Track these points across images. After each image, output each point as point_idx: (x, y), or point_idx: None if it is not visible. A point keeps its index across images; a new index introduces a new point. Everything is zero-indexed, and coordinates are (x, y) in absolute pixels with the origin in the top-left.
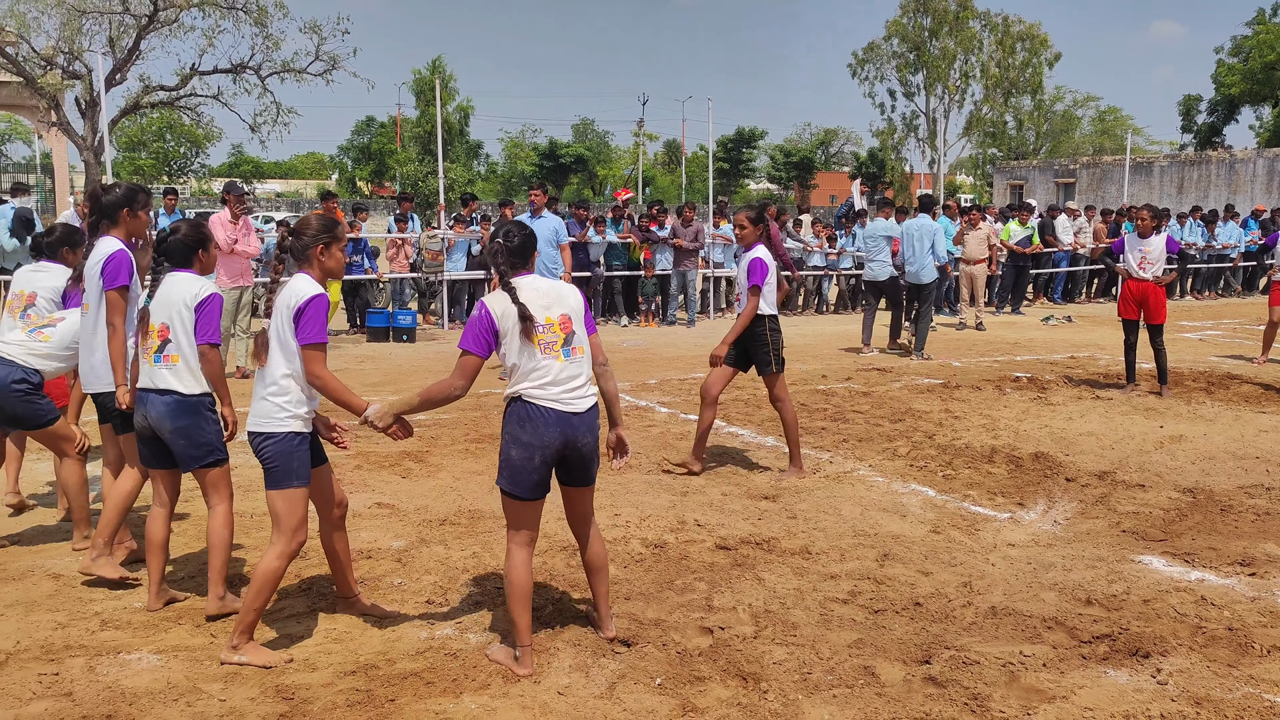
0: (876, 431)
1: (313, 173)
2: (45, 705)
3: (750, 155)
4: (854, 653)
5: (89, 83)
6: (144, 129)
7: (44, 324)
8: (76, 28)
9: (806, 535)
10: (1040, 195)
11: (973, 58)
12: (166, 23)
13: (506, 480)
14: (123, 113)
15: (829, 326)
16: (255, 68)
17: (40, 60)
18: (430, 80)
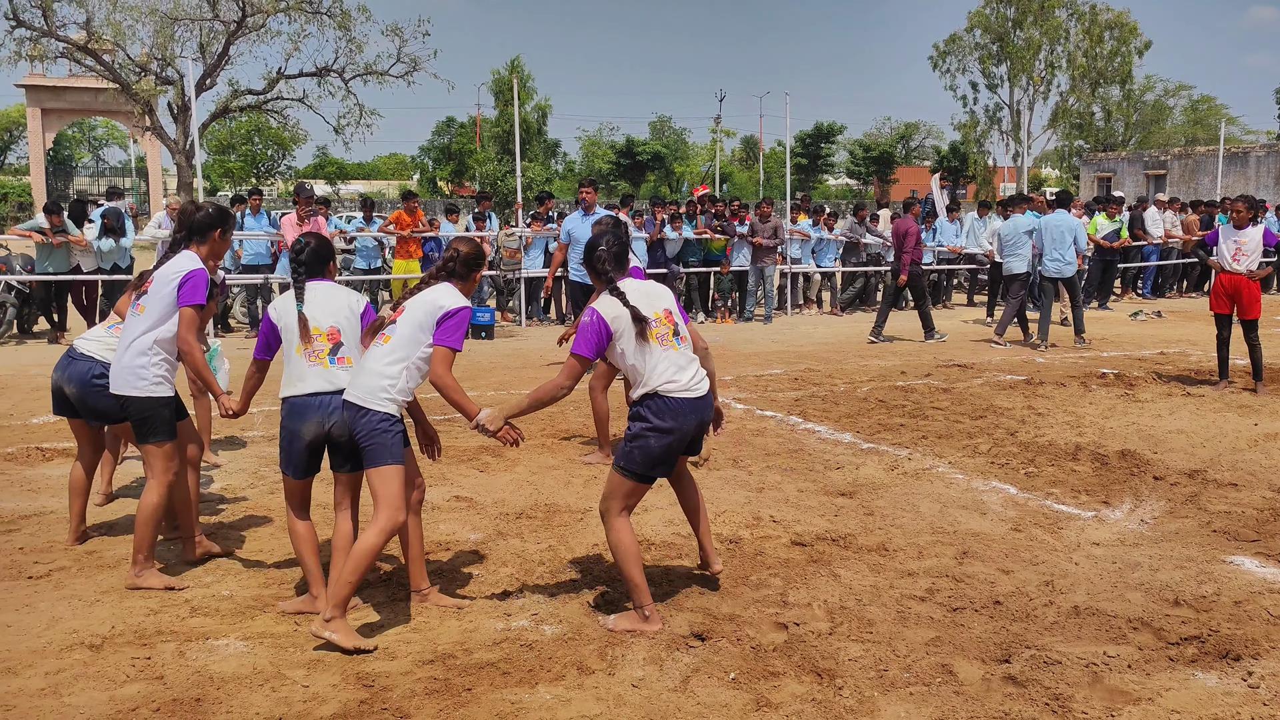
0: (956, 428)
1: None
2: (138, 688)
3: (829, 150)
4: (931, 650)
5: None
6: (232, 132)
7: (122, 321)
8: (169, 35)
9: (884, 532)
10: (1129, 188)
11: (1059, 47)
12: (254, 28)
13: (640, 465)
14: (213, 116)
15: (907, 323)
16: (339, 71)
17: (135, 67)
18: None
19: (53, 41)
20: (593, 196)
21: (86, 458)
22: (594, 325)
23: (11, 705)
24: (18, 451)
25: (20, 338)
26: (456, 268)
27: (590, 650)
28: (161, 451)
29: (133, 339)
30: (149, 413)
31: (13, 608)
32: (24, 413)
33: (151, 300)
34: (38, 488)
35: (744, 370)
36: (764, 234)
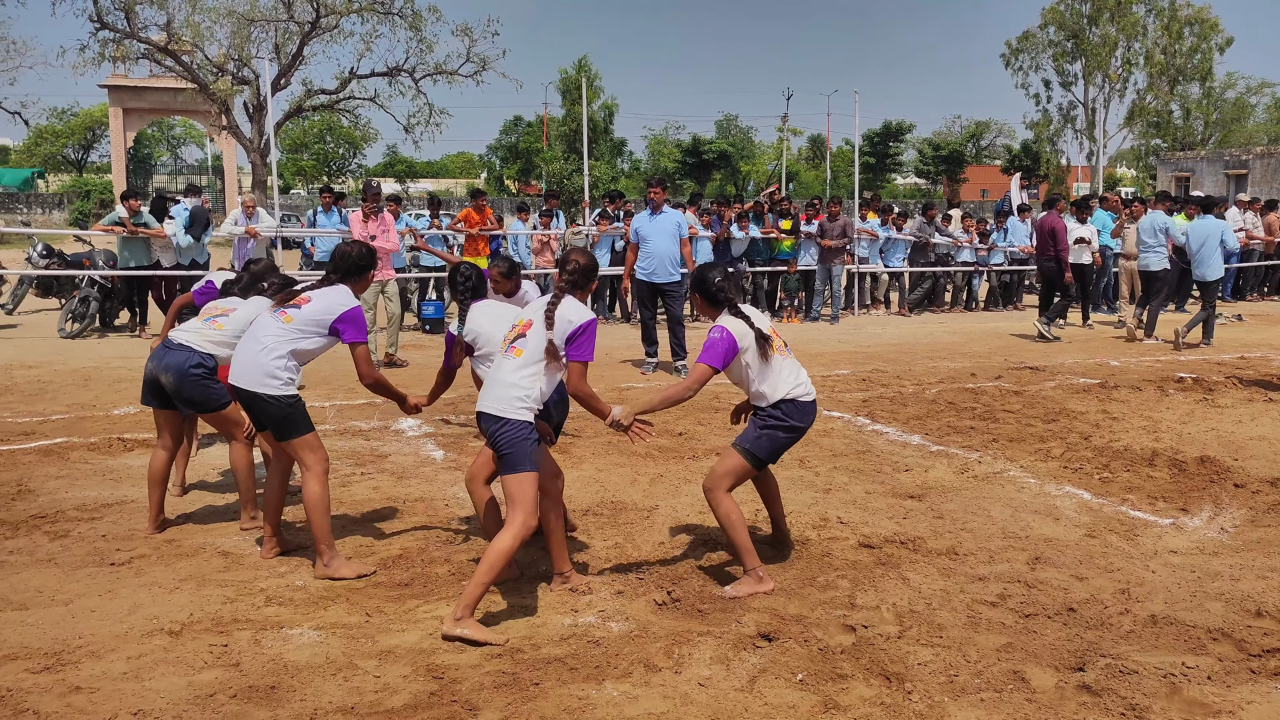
0: (1028, 431)
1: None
2: (215, 674)
3: (897, 149)
4: (1003, 656)
5: (256, 88)
6: (305, 131)
7: (218, 313)
8: (246, 36)
9: (953, 536)
10: (1208, 187)
11: (1136, 44)
12: (327, 29)
13: (766, 452)
14: (287, 115)
15: (978, 324)
16: (410, 70)
17: (212, 67)
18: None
19: (134, 43)
20: (661, 196)
21: (168, 448)
22: (725, 341)
23: (96, 688)
24: (100, 441)
25: (103, 331)
26: (577, 279)
27: (656, 648)
28: (306, 443)
29: (270, 343)
30: (286, 412)
31: (96, 593)
32: (106, 404)
33: (302, 317)
34: (119, 477)
35: (810, 370)
36: (832, 233)
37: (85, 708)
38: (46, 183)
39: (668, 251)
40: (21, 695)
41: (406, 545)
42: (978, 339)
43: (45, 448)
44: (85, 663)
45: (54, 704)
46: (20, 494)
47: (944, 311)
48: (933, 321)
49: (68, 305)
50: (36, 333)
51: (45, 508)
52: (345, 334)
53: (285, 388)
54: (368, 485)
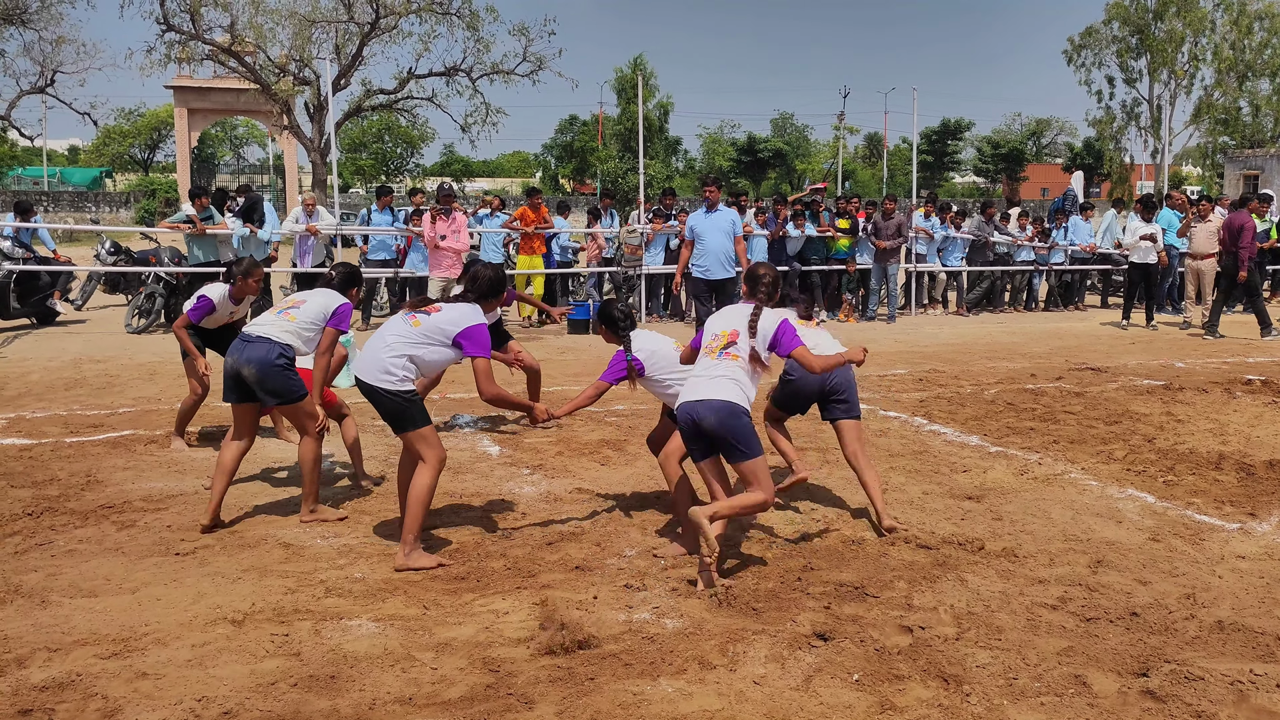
0: (1090, 433)
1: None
2: (277, 663)
3: (955, 147)
4: (1064, 660)
5: (317, 88)
6: (364, 131)
7: (289, 305)
8: (307, 37)
9: (1013, 538)
10: (1278, 186)
11: (1203, 39)
12: (386, 29)
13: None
14: (346, 115)
15: (1038, 324)
16: (467, 70)
17: (274, 68)
18: (631, 78)
19: (199, 44)
20: (716, 194)
21: (243, 442)
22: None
23: (162, 674)
24: (165, 435)
25: (168, 327)
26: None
27: (711, 645)
28: (421, 436)
29: (393, 342)
30: (402, 406)
31: (161, 582)
32: (171, 398)
33: (429, 325)
34: (184, 469)
35: (867, 370)
36: (886, 232)
37: (151, 693)
38: (114, 182)
39: (722, 248)
40: (91, 680)
41: (463, 539)
42: (1037, 339)
43: (113, 440)
44: (151, 649)
45: (121, 689)
46: (89, 484)
47: (1002, 312)
48: (991, 322)
49: (134, 301)
50: (104, 328)
51: (113, 498)
52: (466, 348)
53: (400, 384)
54: None
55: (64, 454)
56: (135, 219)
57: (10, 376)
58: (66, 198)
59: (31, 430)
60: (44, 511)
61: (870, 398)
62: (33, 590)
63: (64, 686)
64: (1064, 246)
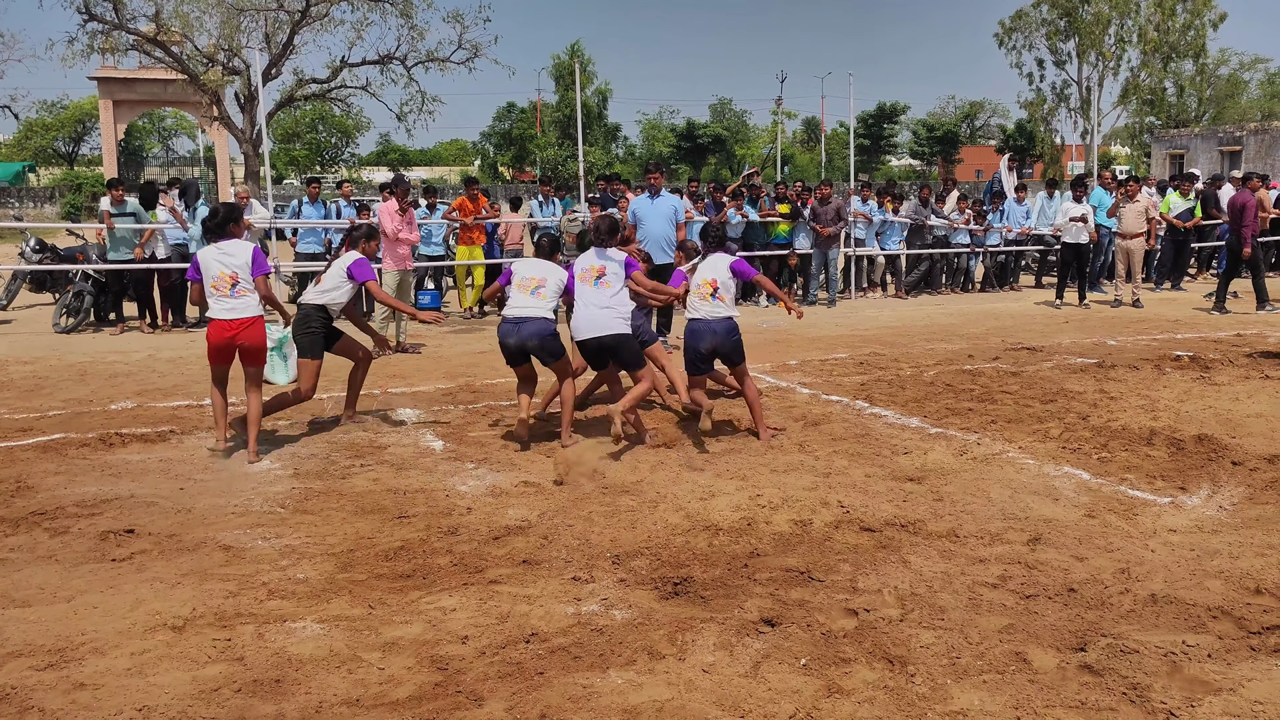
0: (1026, 412)
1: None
2: (220, 669)
3: (892, 131)
4: (1005, 638)
5: (247, 78)
6: (297, 121)
7: (535, 285)
8: (235, 25)
9: (954, 518)
10: (1203, 165)
11: (1129, 21)
12: (318, 17)
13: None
14: (278, 106)
15: (974, 305)
16: (401, 58)
17: (202, 58)
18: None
19: (123, 34)
20: (660, 181)
21: (530, 390)
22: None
23: (100, 684)
24: (96, 438)
25: (97, 326)
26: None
27: (660, 635)
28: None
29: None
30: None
31: (98, 590)
32: (103, 399)
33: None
34: (118, 472)
35: (808, 355)
36: (825, 217)
37: (90, 704)
38: (38, 176)
39: (663, 234)
40: (26, 693)
41: (408, 537)
42: (974, 320)
43: (43, 444)
44: (89, 659)
45: (58, 701)
46: (19, 490)
47: (940, 294)
48: (930, 304)
49: (62, 300)
50: (31, 328)
51: (45, 504)
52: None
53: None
54: (367, 477)
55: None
56: (61, 214)
57: None
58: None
59: None
60: None
61: (812, 381)
62: None
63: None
64: (999, 229)
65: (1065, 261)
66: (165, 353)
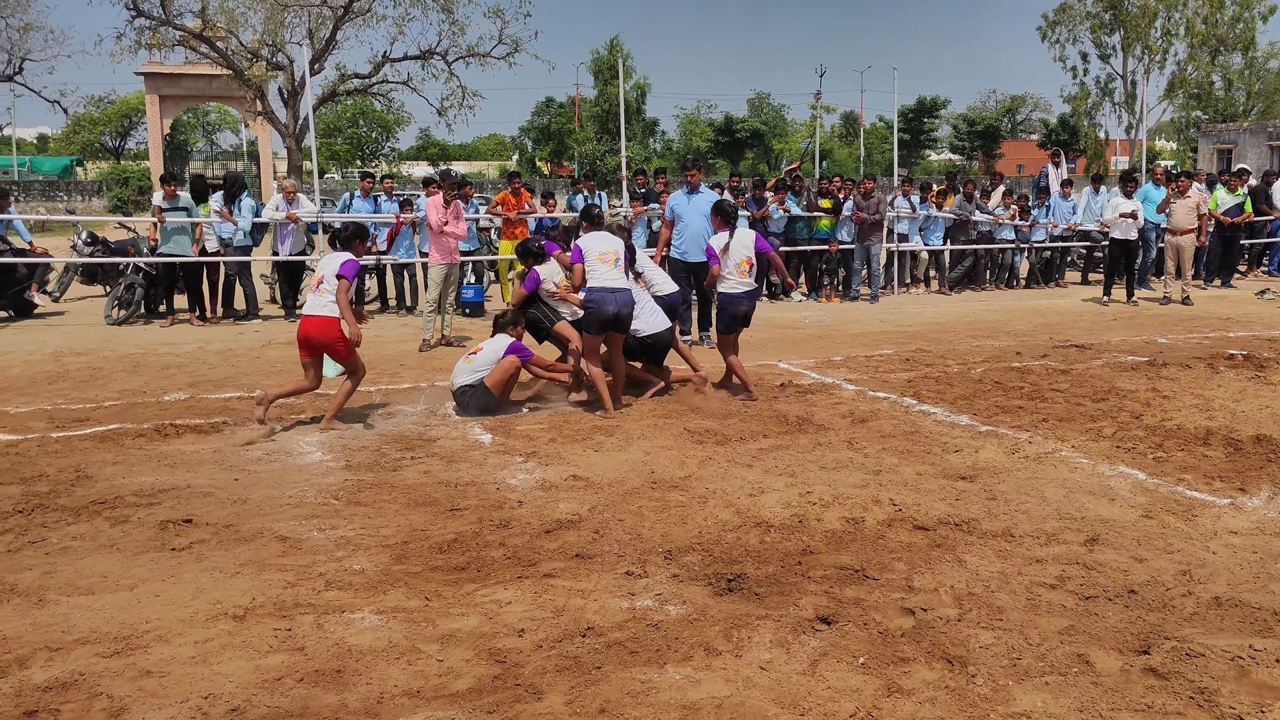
0: (1078, 411)
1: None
2: (282, 658)
3: (932, 125)
4: (1066, 639)
5: (290, 73)
6: (339, 116)
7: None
8: (280, 21)
9: (1008, 517)
10: (1251, 159)
11: (1176, 14)
12: (360, 13)
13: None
14: (321, 100)
15: (1020, 302)
16: (442, 53)
17: (247, 53)
18: (608, 60)
19: (170, 30)
20: (698, 177)
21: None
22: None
23: (166, 672)
24: (152, 428)
25: (148, 318)
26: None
27: (715, 631)
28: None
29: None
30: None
31: (159, 578)
32: (156, 390)
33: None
34: (174, 462)
35: (853, 350)
36: (867, 211)
37: (157, 691)
38: (85, 170)
39: (703, 230)
40: (95, 679)
41: (460, 530)
42: (1020, 317)
43: (100, 434)
44: (154, 647)
45: (126, 688)
46: (79, 480)
47: (984, 290)
48: (973, 300)
49: (113, 292)
50: (83, 319)
51: (104, 493)
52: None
53: None
54: (418, 469)
55: (51, 449)
56: (108, 207)
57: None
58: (37, 187)
59: (16, 425)
60: (35, 508)
61: (859, 378)
62: (29, 589)
63: (67, 686)
64: (1045, 225)
65: (1113, 258)
66: (214, 345)
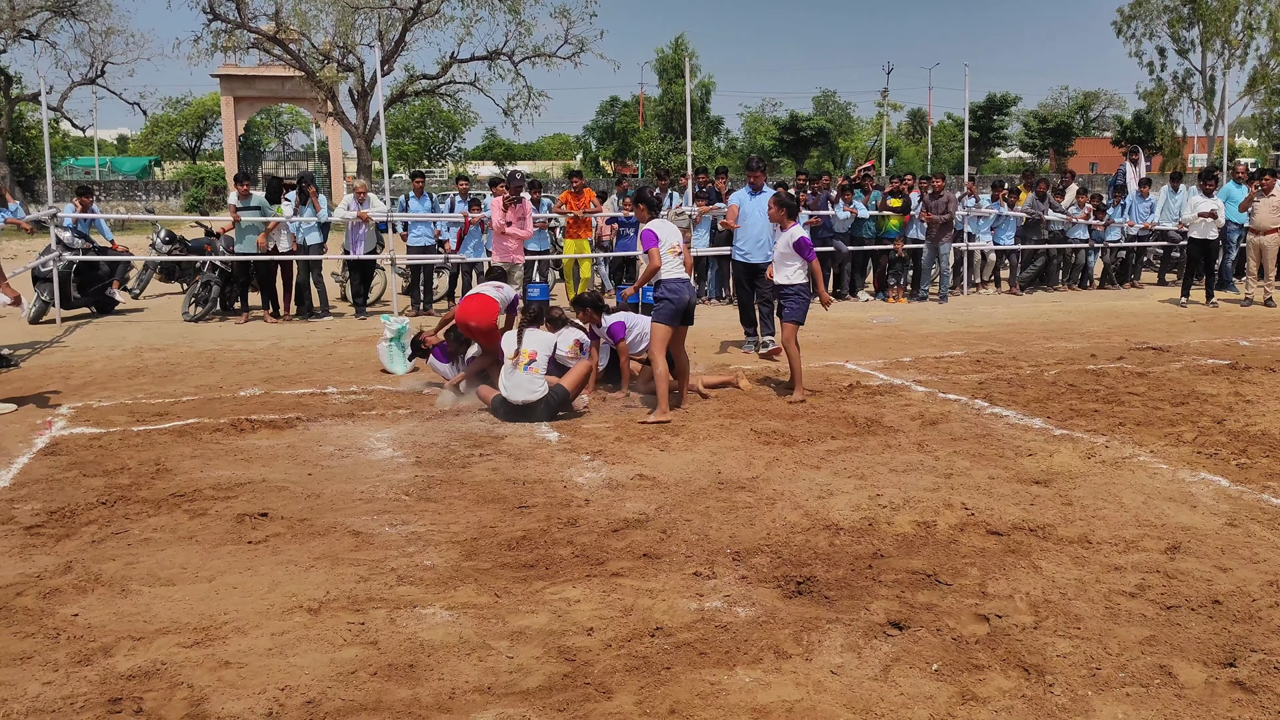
0: (1156, 415)
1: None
2: (356, 651)
3: (1001, 122)
4: (1146, 650)
5: (360, 74)
6: (407, 116)
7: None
8: (350, 23)
9: (1085, 523)
10: None
11: (1258, 7)
12: (429, 14)
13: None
14: (390, 101)
15: (1094, 303)
16: (509, 54)
17: (319, 55)
18: (673, 58)
19: (245, 33)
20: (761, 178)
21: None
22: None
23: (244, 663)
24: (228, 423)
25: (224, 315)
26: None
27: (785, 634)
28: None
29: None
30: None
31: (237, 570)
32: (232, 385)
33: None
34: (250, 457)
35: (921, 351)
36: (935, 211)
37: (235, 682)
38: (162, 170)
39: (767, 232)
40: (176, 669)
41: (529, 527)
42: (1094, 318)
43: (179, 428)
44: (232, 638)
45: (206, 678)
46: (159, 473)
47: (1056, 290)
48: (1045, 301)
49: (191, 289)
50: (161, 316)
51: (183, 487)
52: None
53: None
54: (486, 466)
55: (132, 442)
56: (184, 207)
57: (74, 366)
58: (118, 186)
59: (99, 419)
60: (117, 500)
61: (928, 379)
62: (112, 579)
63: (150, 675)
64: (1121, 224)
65: (1192, 258)
66: (288, 341)
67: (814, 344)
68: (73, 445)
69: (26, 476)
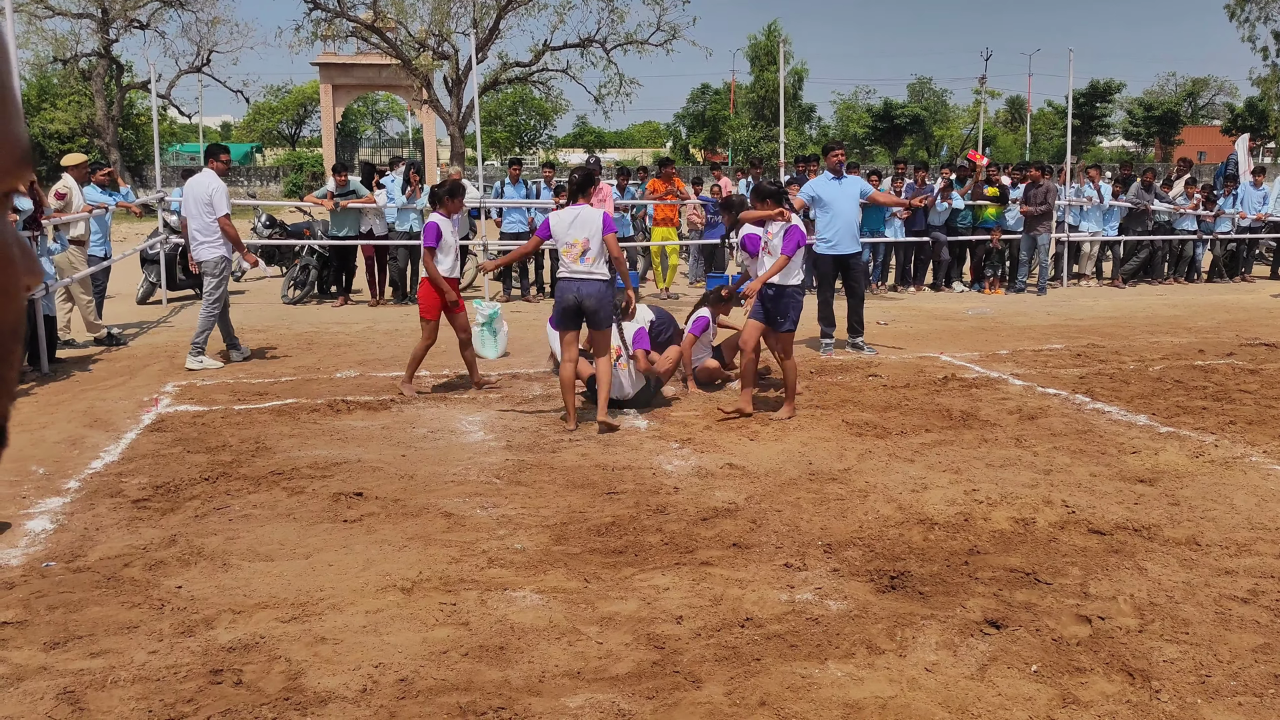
0: (1270, 414)
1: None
2: (448, 631)
3: (1104, 110)
4: (1260, 658)
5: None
6: (499, 103)
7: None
8: (446, 12)
9: (1193, 524)
10: None
11: None
12: (523, 2)
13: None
14: (484, 89)
15: (1201, 296)
16: (601, 41)
17: (414, 43)
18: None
19: (344, 21)
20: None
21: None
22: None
23: (340, 639)
24: (325, 404)
25: (321, 298)
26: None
27: (878, 629)
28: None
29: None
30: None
31: (332, 548)
32: (329, 367)
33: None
34: (345, 437)
35: (1019, 344)
36: (1033, 202)
37: (331, 657)
38: (264, 156)
39: (855, 218)
40: (274, 642)
41: (618, 513)
42: (1202, 313)
43: (278, 408)
44: (328, 615)
45: (303, 652)
46: (259, 451)
47: (1162, 283)
48: (1150, 293)
49: (289, 273)
50: (261, 298)
51: (282, 465)
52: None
53: None
54: (575, 451)
55: (233, 421)
56: (284, 193)
57: (179, 346)
58: None
59: (202, 397)
60: (219, 476)
61: (1026, 373)
62: (214, 553)
63: (249, 648)
64: (1231, 215)
65: None
66: (382, 325)
67: (907, 335)
68: (177, 422)
69: (134, 451)
